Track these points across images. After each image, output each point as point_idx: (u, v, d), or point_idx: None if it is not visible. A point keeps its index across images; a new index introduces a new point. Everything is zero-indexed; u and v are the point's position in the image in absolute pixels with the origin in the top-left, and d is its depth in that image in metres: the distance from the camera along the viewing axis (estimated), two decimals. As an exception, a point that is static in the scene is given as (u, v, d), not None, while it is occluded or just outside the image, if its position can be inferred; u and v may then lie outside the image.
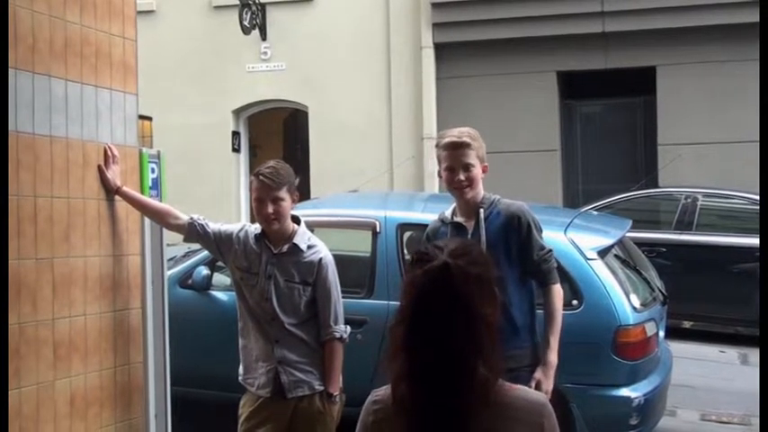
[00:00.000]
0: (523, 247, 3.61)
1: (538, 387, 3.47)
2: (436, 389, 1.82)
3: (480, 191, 3.67)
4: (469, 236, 3.59)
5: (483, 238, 3.56)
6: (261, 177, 3.66)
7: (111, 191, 3.84)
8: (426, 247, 1.95)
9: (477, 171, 3.62)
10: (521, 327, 3.57)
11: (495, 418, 1.84)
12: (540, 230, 3.70)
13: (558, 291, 3.70)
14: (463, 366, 1.82)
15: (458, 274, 1.84)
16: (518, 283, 3.59)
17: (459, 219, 3.70)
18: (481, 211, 3.63)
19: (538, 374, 3.55)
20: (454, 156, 3.61)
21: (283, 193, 3.67)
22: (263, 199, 3.66)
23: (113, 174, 3.82)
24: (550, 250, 3.72)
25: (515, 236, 3.60)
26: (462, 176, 3.60)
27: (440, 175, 3.73)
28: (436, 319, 1.83)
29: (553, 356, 3.60)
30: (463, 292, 1.83)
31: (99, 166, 3.79)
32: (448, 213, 3.77)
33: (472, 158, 3.61)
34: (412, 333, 1.85)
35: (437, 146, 3.72)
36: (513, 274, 3.57)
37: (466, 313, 1.83)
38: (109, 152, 3.83)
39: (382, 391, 1.99)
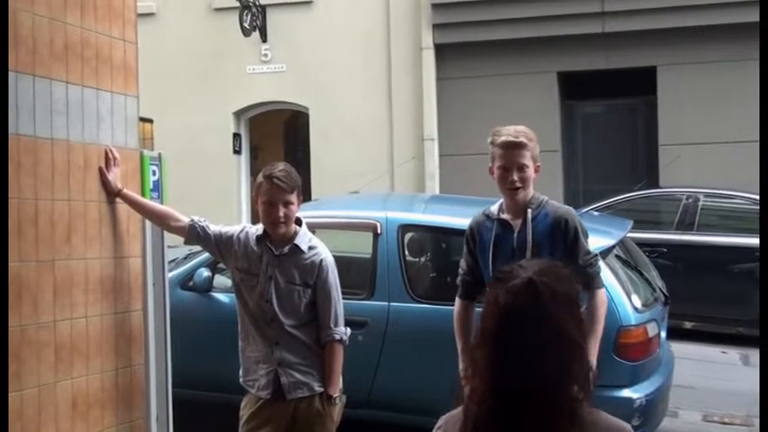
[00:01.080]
0: (570, 250, 3.59)
1: None
2: (520, 410, 1.75)
3: (531, 191, 3.67)
4: (515, 234, 3.59)
5: (529, 237, 3.56)
6: (275, 180, 3.62)
7: (111, 193, 3.84)
8: (509, 266, 1.87)
9: (530, 172, 3.61)
10: None
11: None
12: (587, 235, 3.71)
13: (602, 295, 3.69)
14: (552, 388, 1.75)
15: (544, 290, 1.77)
16: None
17: (505, 216, 3.68)
18: (529, 211, 3.62)
19: None
20: (509, 155, 3.58)
21: (294, 197, 3.66)
22: (275, 202, 3.63)
23: (114, 176, 3.82)
24: (596, 255, 3.74)
25: (562, 238, 3.60)
26: (516, 177, 3.58)
27: (491, 172, 3.69)
28: (523, 337, 1.75)
29: (593, 360, 3.60)
30: (551, 309, 1.76)
31: (100, 169, 3.79)
32: (494, 209, 3.74)
33: (527, 159, 3.59)
34: (497, 352, 1.77)
35: (492, 143, 3.66)
36: None
37: (554, 331, 1.75)
38: (110, 154, 3.83)
39: (450, 413, 1.91)
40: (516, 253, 3.52)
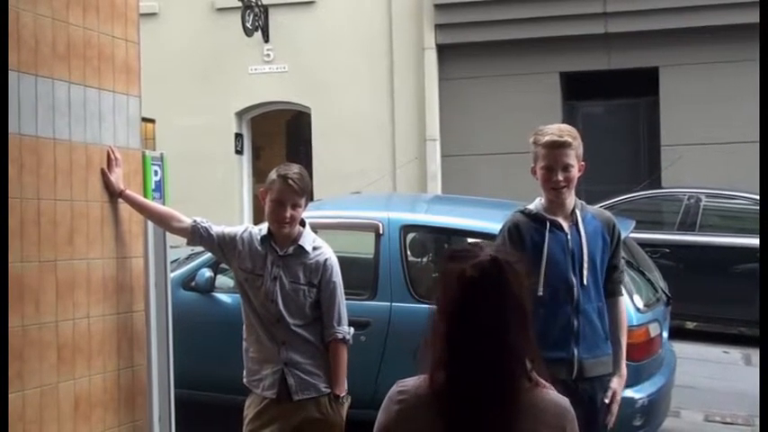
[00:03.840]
0: (613, 254, 3.63)
1: (614, 396, 3.54)
2: (479, 379, 1.86)
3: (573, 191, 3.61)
4: (568, 236, 3.52)
5: (584, 238, 3.52)
6: (290, 181, 3.61)
7: (114, 194, 3.84)
8: (464, 245, 2.00)
9: (574, 171, 3.53)
10: (607, 334, 3.60)
11: (521, 414, 1.88)
12: None
13: (623, 303, 3.75)
14: (509, 356, 1.86)
15: (507, 268, 1.90)
16: (602, 289, 3.59)
17: (554, 217, 3.57)
18: (578, 211, 3.58)
19: (614, 384, 3.58)
20: (553, 155, 3.50)
21: (302, 201, 3.68)
22: (284, 202, 3.63)
23: (116, 177, 3.83)
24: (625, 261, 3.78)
25: (609, 242, 3.60)
26: (561, 177, 3.49)
27: (533, 173, 3.61)
28: (488, 312, 1.87)
29: (625, 367, 3.66)
30: (514, 285, 1.89)
31: (102, 170, 3.79)
32: (536, 209, 3.61)
33: (571, 158, 3.51)
34: (459, 325, 1.88)
35: (535, 143, 3.57)
36: (602, 280, 3.58)
37: (518, 308, 1.89)
38: (112, 155, 3.83)
39: (409, 382, 2.01)
40: (570, 254, 3.49)
